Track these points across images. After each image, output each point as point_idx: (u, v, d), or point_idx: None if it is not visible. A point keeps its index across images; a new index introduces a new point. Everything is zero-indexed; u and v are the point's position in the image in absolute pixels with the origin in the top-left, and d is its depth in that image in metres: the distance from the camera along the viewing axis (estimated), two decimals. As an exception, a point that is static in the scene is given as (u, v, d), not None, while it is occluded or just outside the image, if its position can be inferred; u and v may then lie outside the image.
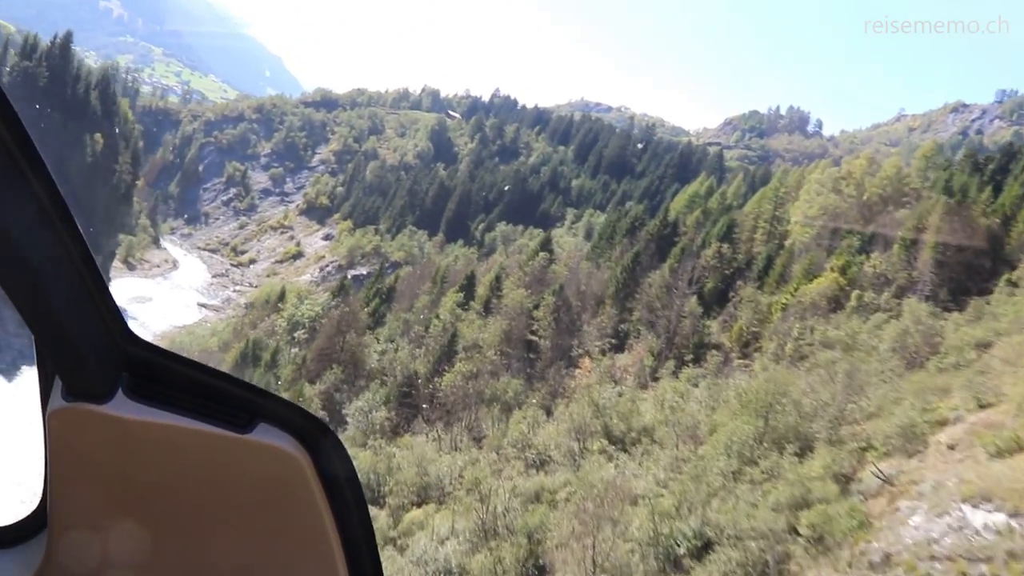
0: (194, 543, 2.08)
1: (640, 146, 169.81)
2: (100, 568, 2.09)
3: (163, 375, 1.82)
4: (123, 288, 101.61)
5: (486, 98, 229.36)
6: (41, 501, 2.11)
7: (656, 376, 51.10)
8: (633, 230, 72.68)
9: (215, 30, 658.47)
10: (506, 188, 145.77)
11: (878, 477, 24.83)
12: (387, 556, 30.08)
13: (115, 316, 1.76)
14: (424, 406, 50.32)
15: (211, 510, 2.01)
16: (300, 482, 1.86)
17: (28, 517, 2.18)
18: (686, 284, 56.51)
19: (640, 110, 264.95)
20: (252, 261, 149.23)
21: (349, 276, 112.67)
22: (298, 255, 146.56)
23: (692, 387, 42.19)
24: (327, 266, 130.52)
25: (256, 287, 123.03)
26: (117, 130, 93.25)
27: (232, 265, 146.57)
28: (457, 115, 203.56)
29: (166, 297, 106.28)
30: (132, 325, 1.82)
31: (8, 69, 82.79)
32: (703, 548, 25.29)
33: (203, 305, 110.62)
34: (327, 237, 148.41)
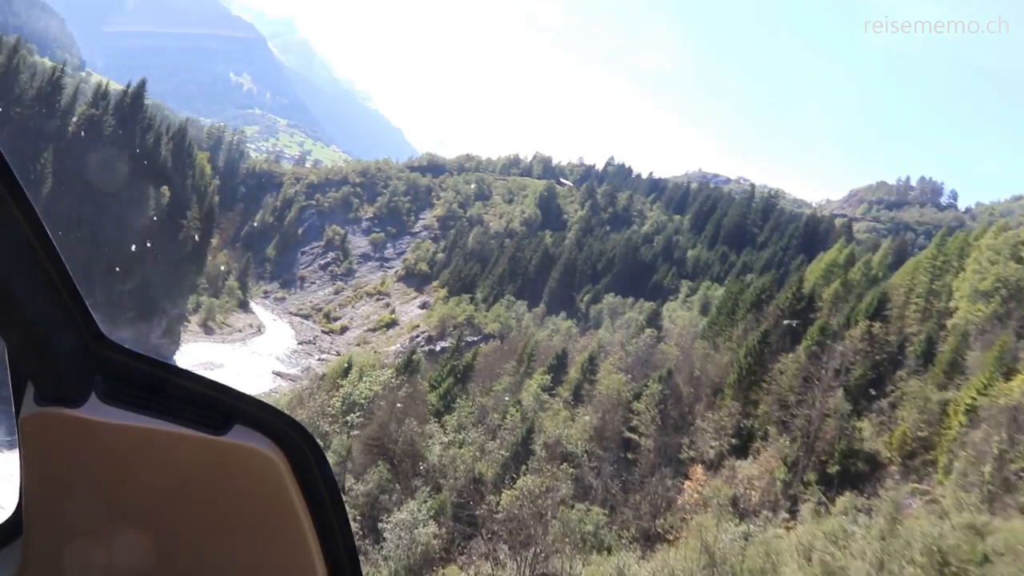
0: (171, 545, 2.03)
1: (760, 216, 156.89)
2: (78, 571, 2.06)
3: (137, 378, 1.83)
4: (193, 353, 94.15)
5: (600, 166, 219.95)
6: (17, 507, 2.09)
7: (791, 494, 38.72)
8: (759, 304, 60.33)
9: (339, 103, 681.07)
10: (615, 255, 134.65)
11: None
12: None
13: (87, 320, 1.77)
14: (484, 524, 38.82)
15: (187, 512, 1.99)
16: (277, 483, 1.85)
17: (4, 523, 2.14)
18: (830, 373, 43.74)
19: (759, 182, 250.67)
20: (344, 328, 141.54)
21: (438, 348, 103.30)
22: (392, 323, 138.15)
23: (850, 524, 29.45)
24: (418, 336, 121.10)
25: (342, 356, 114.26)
26: (190, 184, 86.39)
27: (323, 332, 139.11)
28: (568, 182, 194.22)
29: (240, 364, 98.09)
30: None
31: (75, 118, 76.86)
32: None
33: (278, 374, 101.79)
34: (424, 305, 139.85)
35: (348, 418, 53.72)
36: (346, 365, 66.37)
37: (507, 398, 54.54)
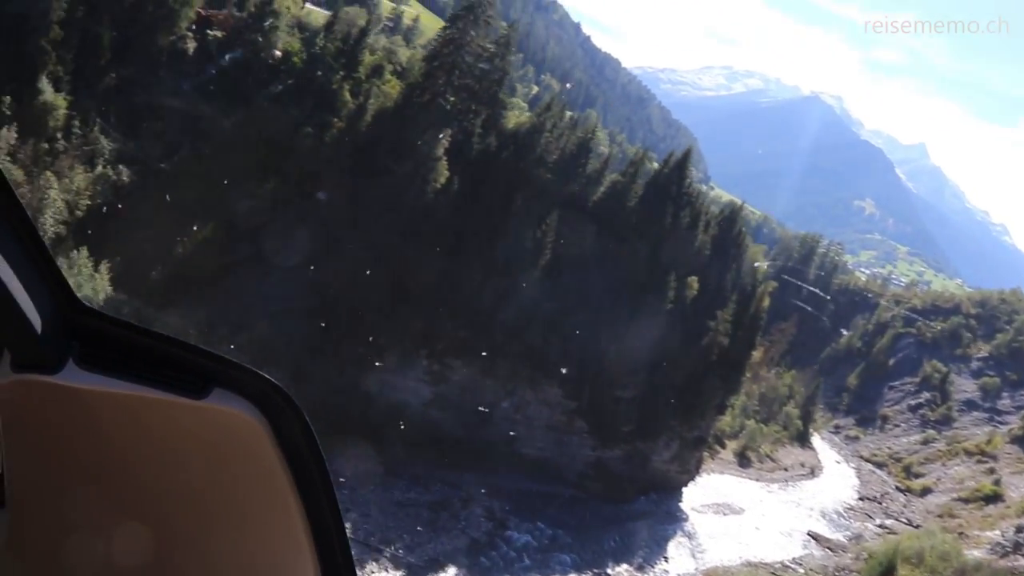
0: (153, 510, 2.04)
1: None
2: (62, 541, 2.06)
3: (116, 343, 1.80)
4: (710, 488, 75.21)
5: None
6: (0, 479, 2.09)
7: None
8: None
9: (970, 235, 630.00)
10: None
11: None
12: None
13: (62, 286, 1.75)
14: None
15: (169, 477, 1.99)
16: (259, 447, 1.84)
17: None
18: None
19: None
20: (926, 490, 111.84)
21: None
22: (994, 497, 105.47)
23: None
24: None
25: (916, 527, 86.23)
26: (730, 280, 69.13)
27: (897, 488, 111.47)
28: None
29: (767, 513, 76.59)
30: (680, 544, 1.82)
31: (602, 189, 64.94)
32: None
33: (814, 537, 77.39)
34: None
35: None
36: (884, 565, 42.35)
37: None
